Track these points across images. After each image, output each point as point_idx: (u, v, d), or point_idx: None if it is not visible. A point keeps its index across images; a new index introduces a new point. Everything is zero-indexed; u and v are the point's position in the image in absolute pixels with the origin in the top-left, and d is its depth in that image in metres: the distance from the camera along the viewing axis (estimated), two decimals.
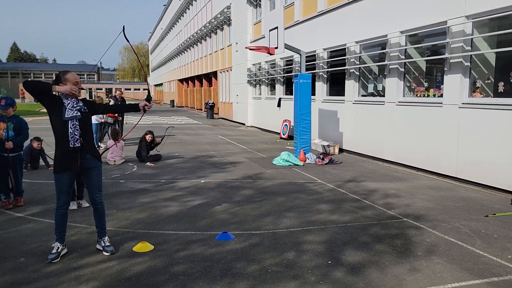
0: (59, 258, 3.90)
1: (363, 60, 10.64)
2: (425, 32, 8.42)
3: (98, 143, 11.73)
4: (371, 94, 10.58)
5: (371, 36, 9.94)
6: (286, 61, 15.48)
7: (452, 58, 7.51)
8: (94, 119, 11.11)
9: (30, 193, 6.43)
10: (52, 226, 4.10)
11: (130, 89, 75.98)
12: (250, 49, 11.44)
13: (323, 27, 12.30)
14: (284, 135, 14.64)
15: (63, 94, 3.85)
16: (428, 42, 8.53)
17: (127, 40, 4.51)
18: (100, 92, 66.25)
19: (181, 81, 43.77)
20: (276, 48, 9.84)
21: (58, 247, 3.95)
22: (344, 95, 11.27)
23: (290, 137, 13.83)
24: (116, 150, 9.34)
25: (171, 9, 46.17)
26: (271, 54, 10.27)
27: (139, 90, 76.54)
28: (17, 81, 70.65)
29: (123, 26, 4.39)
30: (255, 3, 18.97)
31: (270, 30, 10.14)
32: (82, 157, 3.93)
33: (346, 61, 11.02)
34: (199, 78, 35.14)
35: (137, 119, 15.50)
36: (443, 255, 4.04)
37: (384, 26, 9.39)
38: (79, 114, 3.86)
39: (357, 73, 10.80)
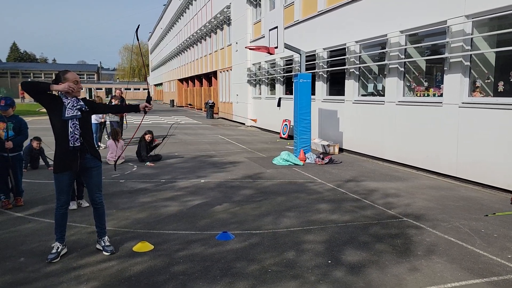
0: (59, 258, 3.90)
1: (363, 60, 10.64)
2: (425, 32, 8.41)
3: (98, 143, 11.73)
4: (371, 94, 10.58)
5: (371, 36, 9.94)
6: (286, 61, 15.47)
7: (452, 58, 7.51)
8: (94, 119, 11.11)
9: (30, 193, 6.43)
10: (52, 226, 4.10)
11: (130, 89, 75.98)
12: (250, 49, 11.44)
13: (323, 27, 12.29)
14: (284, 135, 14.64)
15: (63, 94, 3.85)
16: (428, 42, 8.53)
17: (137, 39, 4.55)
18: (100, 92, 66.25)
19: (181, 81, 43.77)
20: (276, 48, 9.83)
21: (58, 247, 3.95)
22: (344, 95, 11.26)
23: (290, 137, 13.83)
24: (116, 150, 9.34)
25: (171, 9, 46.16)
26: (271, 54, 10.27)
27: (139, 90, 76.54)
28: (17, 81, 70.65)
29: (138, 25, 4.44)
30: (255, 3, 18.96)
31: (270, 30, 10.14)
32: (82, 157, 3.93)
33: (346, 61, 11.02)
34: (199, 78, 35.14)
35: (138, 119, 15.51)
36: (443, 255, 4.04)
37: (384, 26, 9.39)
38: (79, 114, 3.86)
39: (357, 73, 10.80)
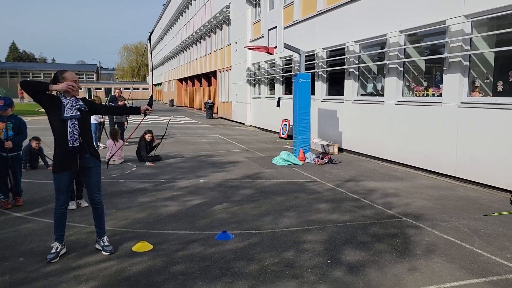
0: (58, 258, 3.90)
1: (363, 60, 10.64)
2: (424, 32, 8.42)
3: (97, 143, 11.72)
4: (371, 94, 10.58)
5: (371, 36, 9.94)
6: (286, 61, 15.47)
7: (451, 58, 7.51)
8: (93, 119, 11.10)
9: (29, 193, 6.43)
10: (51, 226, 4.10)
11: (129, 89, 75.95)
12: (250, 49, 11.44)
13: (322, 27, 12.29)
14: (284, 135, 14.64)
15: (62, 93, 3.84)
16: (427, 42, 8.54)
17: (150, 44, 4.64)
18: (100, 92, 66.17)
19: (181, 81, 43.76)
20: (276, 48, 9.83)
21: (57, 247, 3.95)
22: (343, 95, 11.27)
23: (290, 137, 13.82)
24: (115, 150, 9.33)
25: (170, 9, 46.15)
26: (271, 54, 10.27)
27: (138, 90, 76.45)
28: (16, 81, 70.56)
29: (152, 31, 4.62)
30: (254, 3, 18.96)
31: (269, 30, 10.14)
32: (82, 157, 3.93)
33: (346, 61, 11.02)
34: (199, 78, 35.13)
35: (137, 120, 15.50)
36: (442, 254, 4.05)
37: (384, 26, 9.39)
38: (79, 113, 3.85)
39: (356, 73, 10.80)
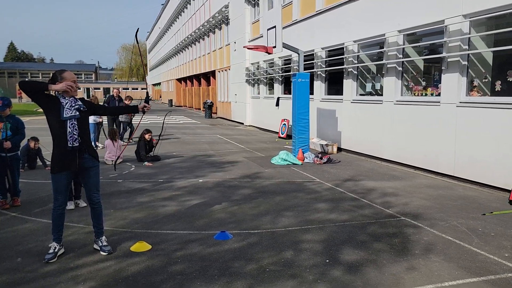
0: (56, 258, 3.89)
1: (361, 59, 10.64)
2: (423, 31, 8.42)
3: (96, 143, 11.71)
4: (369, 93, 10.58)
5: (369, 35, 9.94)
6: (285, 60, 15.47)
7: (450, 57, 7.51)
8: (92, 119, 11.09)
9: (27, 193, 6.42)
10: (49, 226, 4.09)
11: (128, 89, 75.85)
12: (248, 48, 11.43)
13: (321, 26, 12.29)
14: (283, 134, 14.64)
15: (60, 93, 3.83)
16: (426, 41, 8.54)
17: (137, 42, 4.60)
18: (98, 92, 66.05)
19: (179, 81, 43.73)
20: (274, 47, 9.83)
21: (55, 247, 3.94)
22: (342, 94, 11.27)
23: (289, 136, 13.83)
24: (114, 150, 9.33)
25: (169, 8, 46.10)
26: (269, 54, 10.27)
27: (137, 90, 76.36)
28: (14, 81, 70.52)
29: (137, 28, 4.51)
30: (253, 2, 18.95)
31: (268, 29, 10.13)
32: (81, 157, 3.92)
33: (344, 60, 11.02)
34: (198, 78, 35.11)
35: (137, 120, 15.49)
36: (441, 254, 4.05)
37: (382, 25, 9.40)
38: (78, 114, 3.85)
39: (355, 72, 10.81)
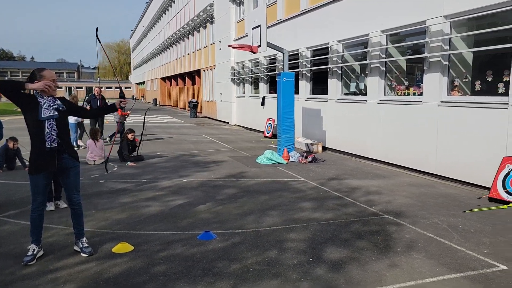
0: (35, 261, 3.80)
1: (345, 59, 10.72)
2: (406, 32, 8.53)
3: (77, 143, 11.53)
4: (354, 93, 10.67)
5: (353, 35, 10.02)
6: (270, 60, 15.49)
7: (431, 57, 7.63)
8: (73, 118, 10.90)
9: (6, 194, 6.26)
10: (28, 228, 3.99)
11: (111, 88, 74.83)
12: (233, 47, 11.40)
13: (306, 26, 12.34)
14: (268, 134, 14.66)
15: (38, 92, 3.74)
16: (408, 42, 8.66)
17: (99, 41, 4.48)
18: (81, 91, 64.95)
19: (164, 80, 43.37)
20: (259, 47, 9.82)
21: (34, 249, 3.85)
22: (327, 94, 11.34)
23: (274, 136, 13.84)
24: (96, 150, 9.19)
25: (153, 6, 45.69)
26: (254, 53, 10.25)
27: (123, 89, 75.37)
28: None
29: (97, 28, 4.38)
30: (238, 1, 18.91)
31: (253, 29, 10.12)
32: (60, 157, 3.84)
33: (329, 60, 11.09)
34: (182, 77, 34.88)
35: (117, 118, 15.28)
36: (422, 251, 4.11)
37: (366, 26, 9.48)
38: (56, 114, 3.76)
39: (340, 72, 10.88)
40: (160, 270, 3.65)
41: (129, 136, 9.57)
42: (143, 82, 61.05)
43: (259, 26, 9.73)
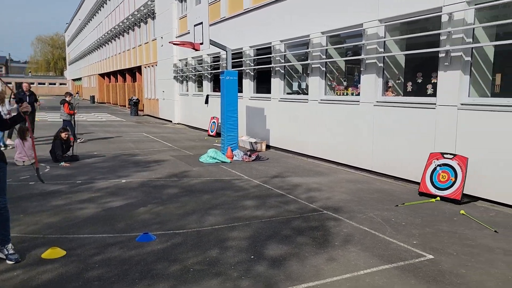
0: None
1: (288, 59, 10.93)
2: (344, 34, 8.87)
3: (5, 142, 10.64)
4: (296, 92, 10.91)
5: (295, 36, 10.23)
6: (213, 58, 15.37)
7: (368, 59, 8.01)
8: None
9: None
10: None
11: (44, 84, 70.06)
12: (175, 44, 11.15)
13: (250, 25, 12.40)
14: (212, 132, 14.54)
15: None
16: (347, 43, 9.01)
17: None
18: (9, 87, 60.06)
19: (103, 76, 41.42)
20: (202, 44, 9.70)
21: None
22: (271, 93, 11.48)
23: (218, 134, 13.75)
24: (25, 150, 8.52)
25: None
26: (197, 50, 10.11)
27: (55, 85, 70.94)
28: None
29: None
30: None
31: (195, 26, 9.96)
32: None
33: (272, 59, 11.23)
34: (122, 73, 33.54)
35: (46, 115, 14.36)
36: (358, 244, 4.29)
37: (307, 26, 9.72)
38: None
39: (283, 71, 11.07)
40: (95, 275, 3.46)
41: (63, 135, 9.00)
42: (80, 79, 57.80)
43: (202, 23, 9.60)
